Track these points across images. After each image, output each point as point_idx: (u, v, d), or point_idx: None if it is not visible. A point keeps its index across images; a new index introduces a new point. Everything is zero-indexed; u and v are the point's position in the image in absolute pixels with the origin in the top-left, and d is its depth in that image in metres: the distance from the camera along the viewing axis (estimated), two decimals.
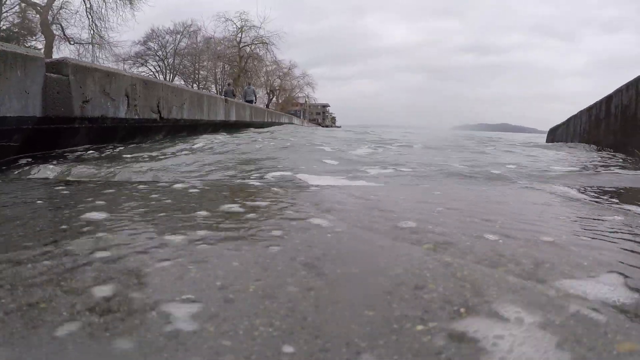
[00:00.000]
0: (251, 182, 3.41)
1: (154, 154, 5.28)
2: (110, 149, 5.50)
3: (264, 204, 2.46)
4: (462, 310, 1.05)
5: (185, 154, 5.47)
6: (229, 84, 27.26)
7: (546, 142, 13.62)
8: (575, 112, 10.60)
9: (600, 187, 3.45)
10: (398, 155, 6.29)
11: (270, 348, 0.88)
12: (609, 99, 7.40)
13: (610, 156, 6.21)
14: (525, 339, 0.90)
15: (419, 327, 0.97)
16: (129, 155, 4.98)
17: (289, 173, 3.88)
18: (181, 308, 1.05)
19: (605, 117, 7.62)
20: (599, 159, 6.02)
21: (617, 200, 2.77)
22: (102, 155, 5.00)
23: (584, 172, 4.77)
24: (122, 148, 5.66)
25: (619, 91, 6.87)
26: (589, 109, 8.95)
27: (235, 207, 2.29)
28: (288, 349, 0.88)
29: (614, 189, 3.38)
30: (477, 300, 1.11)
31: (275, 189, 3.05)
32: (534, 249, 1.57)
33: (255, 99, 24.99)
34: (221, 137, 8.89)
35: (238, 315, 1.02)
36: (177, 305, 1.06)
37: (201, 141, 7.39)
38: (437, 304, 1.09)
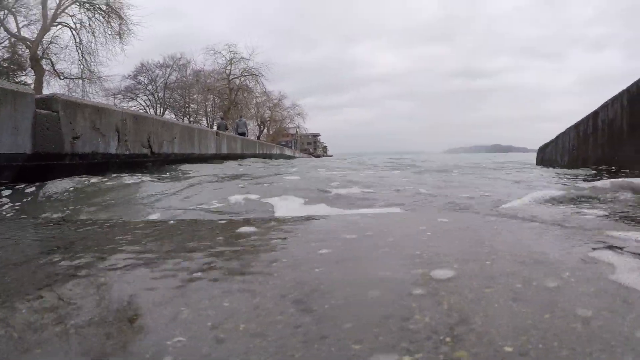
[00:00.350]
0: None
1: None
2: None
3: None
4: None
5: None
6: (221, 118, 27.83)
7: (536, 160, 13.74)
8: (563, 129, 10.74)
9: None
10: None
11: None
12: (595, 114, 7.53)
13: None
14: None
15: None
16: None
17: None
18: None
19: (592, 131, 7.73)
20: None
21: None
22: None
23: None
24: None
25: (604, 106, 6.99)
26: (577, 125, 9.07)
27: None
28: None
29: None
30: None
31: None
32: None
33: (247, 131, 25.61)
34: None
35: None
36: None
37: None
38: None
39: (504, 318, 1.05)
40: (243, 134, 22.92)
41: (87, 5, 26.72)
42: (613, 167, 6.23)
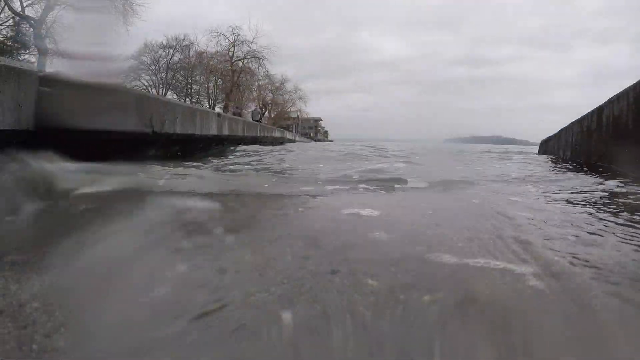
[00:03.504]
0: None
1: None
2: None
3: None
4: None
5: None
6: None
7: (538, 153, 13.68)
8: (567, 124, 10.68)
9: None
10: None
11: None
12: (600, 110, 7.46)
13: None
14: None
15: None
16: None
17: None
18: None
19: (596, 128, 7.68)
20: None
21: None
22: None
23: None
24: None
25: (610, 102, 6.93)
26: (581, 120, 9.01)
27: None
28: None
29: None
30: None
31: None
32: None
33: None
34: None
35: None
36: None
37: None
38: None
39: None
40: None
41: None
42: (613, 165, 6.21)
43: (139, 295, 1.35)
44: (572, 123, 10.00)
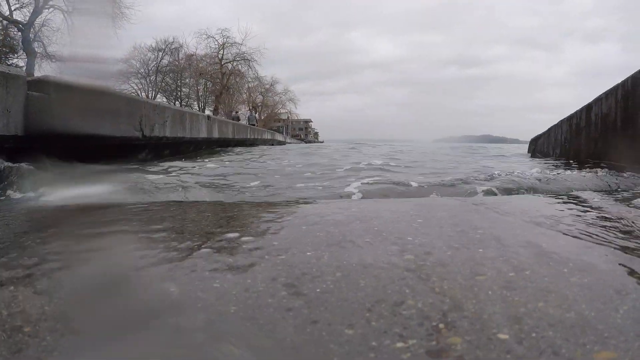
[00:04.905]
0: None
1: None
2: None
3: None
4: None
5: None
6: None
7: (528, 152, 13.81)
8: (556, 121, 10.76)
9: None
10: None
11: None
12: (589, 107, 7.54)
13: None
14: None
15: None
16: None
17: None
18: None
19: (585, 125, 7.76)
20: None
21: None
22: None
23: None
24: None
25: (598, 99, 7.00)
26: (570, 118, 9.08)
27: None
28: None
29: None
30: None
31: None
32: None
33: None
34: None
35: None
36: None
37: None
38: None
39: None
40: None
41: None
42: (604, 162, 6.27)
43: None
44: (561, 121, 10.08)
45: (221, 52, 43.30)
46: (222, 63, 43.31)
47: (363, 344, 0.89)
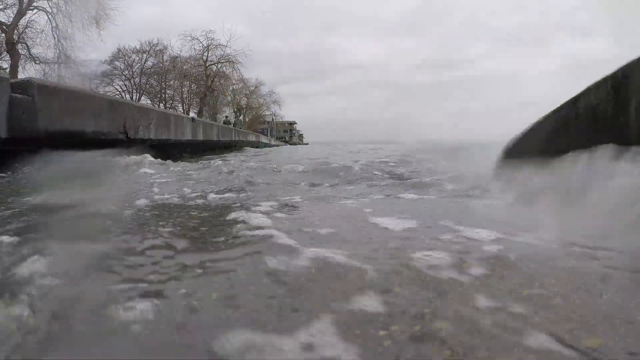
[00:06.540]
0: None
1: None
2: None
3: None
4: None
5: None
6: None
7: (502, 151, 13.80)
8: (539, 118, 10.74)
9: None
10: None
11: None
12: (575, 100, 7.58)
13: None
14: None
15: None
16: None
17: None
18: None
19: (574, 118, 7.82)
20: None
21: None
22: None
23: None
24: None
25: (587, 92, 7.06)
26: (555, 111, 9.11)
27: None
28: None
29: None
30: None
31: None
32: None
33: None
34: None
35: None
36: None
37: None
38: None
39: None
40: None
41: None
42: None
43: None
44: (545, 116, 10.09)
45: (205, 54, 43.16)
46: (207, 65, 43.16)
47: None
